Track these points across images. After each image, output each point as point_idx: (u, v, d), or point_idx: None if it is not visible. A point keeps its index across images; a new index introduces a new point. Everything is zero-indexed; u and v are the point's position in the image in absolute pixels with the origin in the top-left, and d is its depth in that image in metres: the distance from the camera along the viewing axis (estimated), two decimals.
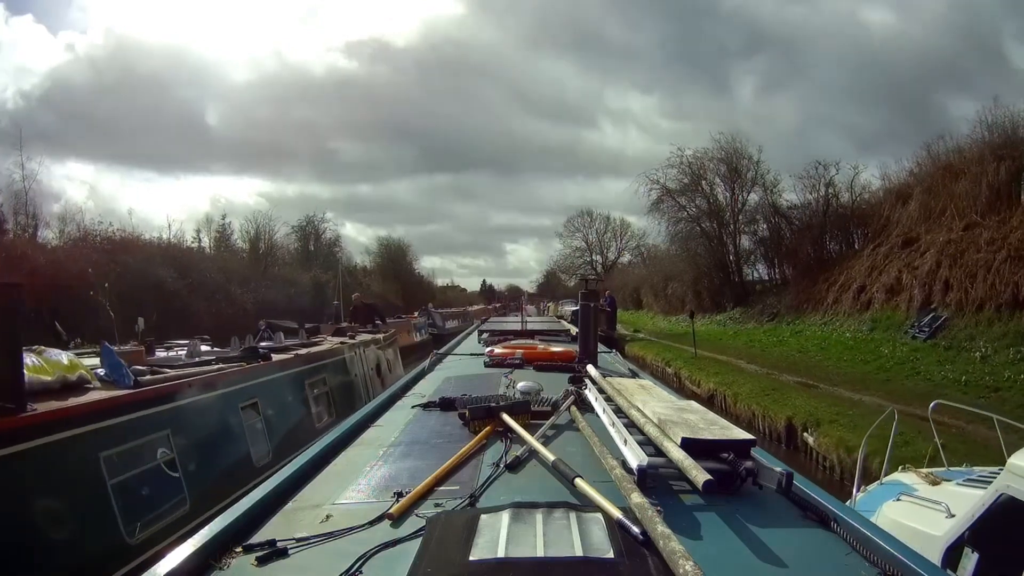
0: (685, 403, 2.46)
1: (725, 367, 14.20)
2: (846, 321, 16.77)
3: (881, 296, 16.01)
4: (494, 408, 2.52)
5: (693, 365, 14.66)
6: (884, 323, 15.33)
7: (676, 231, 27.38)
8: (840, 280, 18.12)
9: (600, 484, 1.72)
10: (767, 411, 9.87)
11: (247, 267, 25.11)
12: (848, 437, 7.78)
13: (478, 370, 4.47)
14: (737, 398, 11.13)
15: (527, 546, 1.36)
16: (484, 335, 7.19)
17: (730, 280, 26.03)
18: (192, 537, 1.52)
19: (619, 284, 39.58)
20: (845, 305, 17.37)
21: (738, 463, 1.78)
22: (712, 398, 12.11)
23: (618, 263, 50.03)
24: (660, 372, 16.30)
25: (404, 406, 3.30)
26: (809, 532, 1.62)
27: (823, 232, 21.35)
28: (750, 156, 25.44)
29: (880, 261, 16.88)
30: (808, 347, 16.17)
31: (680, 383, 14.37)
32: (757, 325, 21.78)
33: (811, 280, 19.99)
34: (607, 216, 50.77)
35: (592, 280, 10.12)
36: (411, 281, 48.36)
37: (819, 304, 18.73)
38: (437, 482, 1.89)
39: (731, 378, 12.60)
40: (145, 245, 19.76)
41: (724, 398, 11.74)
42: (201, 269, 20.26)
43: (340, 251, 40.44)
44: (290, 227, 37.14)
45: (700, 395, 12.47)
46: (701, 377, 13.38)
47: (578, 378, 3.41)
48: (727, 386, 11.93)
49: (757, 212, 25.02)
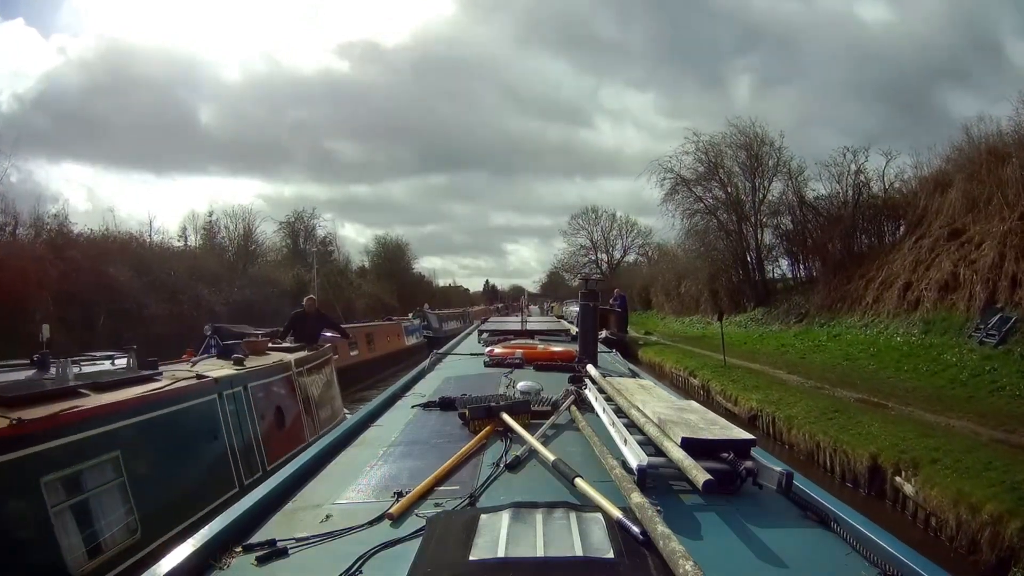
0: (685, 403, 2.46)
1: (763, 379, 12.02)
2: (891, 323, 14.82)
3: (932, 294, 14.13)
4: (494, 408, 2.50)
5: (724, 376, 12.47)
6: (939, 325, 13.39)
7: (691, 224, 25.18)
8: (880, 276, 16.23)
9: (600, 484, 1.72)
10: (838, 443, 7.69)
11: (222, 265, 22.76)
12: (967, 488, 5.67)
13: (478, 370, 4.45)
14: (791, 423, 8.93)
15: (527, 546, 1.36)
16: (484, 335, 7.11)
17: (750, 278, 23.82)
18: (192, 537, 1.52)
19: (626, 283, 37.40)
20: (889, 304, 15.47)
21: (738, 463, 1.77)
22: (755, 420, 9.93)
23: (624, 262, 48.80)
24: (683, 383, 14.17)
25: (404, 406, 3.31)
26: (809, 532, 1.62)
27: (854, 224, 19.34)
28: (771, 142, 23.29)
29: (925, 255, 15.04)
30: (854, 353, 14.03)
31: (709, 398, 12.19)
32: (783, 327, 19.80)
33: (844, 277, 18.12)
34: (613, 213, 49.45)
35: (592, 280, 9.41)
36: (408, 281, 46.45)
37: (856, 303, 16.87)
38: (437, 482, 1.89)
39: (775, 394, 10.41)
40: (99, 241, 17.54)
41: (773, 421, 9.51)
42: (165, 267, 18.03)
43: (335, 249, 38.52)
44: (278, 223, 35.04)
45: (739, 416, 10.30)
46: (737, 392, 11.16)
47: (578, 378, 3.41)
48: (774, 405, 9.73)
49: (780, 203, 22.85)
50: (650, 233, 45.37)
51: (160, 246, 21.05)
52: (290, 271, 25.98)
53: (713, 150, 24.08)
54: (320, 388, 7.63)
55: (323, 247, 37.87)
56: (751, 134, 23.34)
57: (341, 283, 31.77)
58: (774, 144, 23.19)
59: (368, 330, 17.33)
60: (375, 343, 17.32)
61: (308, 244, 36.01)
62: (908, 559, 1.40)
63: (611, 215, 49.20)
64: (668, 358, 16.86)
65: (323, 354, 8.33)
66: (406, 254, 48.81)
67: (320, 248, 37.33)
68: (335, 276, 32.04)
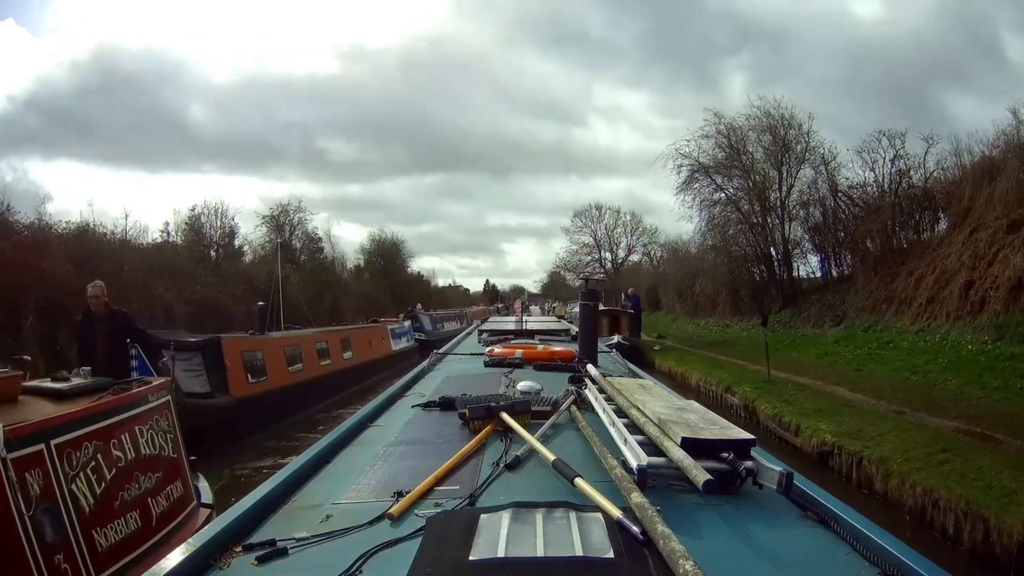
0: (685, 403, 2.45)
1: (822, 398, 9.78)
2: (953, 327, 12.67)
3: (1001, 294, 12.14)
4: (494, 408, 2.47)
5: (773, 395, 10.20)
6: (1017, 330, 11.30)
7: (711, 216, 22.86)
8: (932, 274, 14.23)
9: (600, 484, 1.71)
10: (971, 503, 5.44)
11: (191, 261, 20.24)
12: None
13: (478, 370, 4.42)
14: (887, 467, 6.66)
15: (527, 546, 1.36)
16: (484, 335, 7.11)
17: (775, 276, 21.55)
18: (192, 537, 1.51)
19: (631, 283, 35.45)
20: (948, 306, 13.37)
21: (738, 463, 1.76)
22: (827, 458, 7.66)
23: (628, 261, 47.11)
24: (718, 401, 11.94)
25: (404, 406, 3.29)
26: (809, 532, 1.61)
27: (894, 216, 17.22)
28: (799, 125, 21.01)
29: (984, 249, 13.14)
30: (920, 364, 11.84)
31: (756, 423, 9.94)
32: (816, 330, 17.75)
33: (887, 274, 16.14)
34: (617, 210, 47.54)
35: (593, 280, 8.61)
36: (403, 280, 44.16)
37: (905, 304, 14.82)
38: (437, 482, 1.87)
39: (848, 421, 8.16)
40: (38, 232, 15.03)
41: (857, 464, 7.19)
42: (117, 262, 15.67)
43: (326, 245, 36.05)
44: (260, 217, 32.55)
45: (804, 451, 8.04)
46: (796, 417, 8.88)
47: (578, 378, 3.37)
48: (854, 439, 7.46)
49: (810, 193, 20.58)
50: (655, 231, 44.08)
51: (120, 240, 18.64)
52: (264, 267, 23.43)
53: (735, 134, 21.77)
54: (105, 476, 3.60)
55: (314, 243, 35.53)
56: (777, 116, 21.07)
57: (328, 281, 29.40)
58: (802, 128, 20.94)
59: (344, 334, 15.03)
60: (354, 349, 15.03)
61: (293, 239, 33.58)
62: (908, 559, 1.40)
63: (615, 211, 47.42)
64: (693, 368, 14.63)
65: (125, 403, 4.05)
66: (401, 252, 46.43)
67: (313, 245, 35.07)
68: (321, 273, 29.68)
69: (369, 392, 5.56)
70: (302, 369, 11.82)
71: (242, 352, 9.83)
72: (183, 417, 5.04)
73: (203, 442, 8.19)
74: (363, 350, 15.83)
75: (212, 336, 9.50)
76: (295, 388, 11.21)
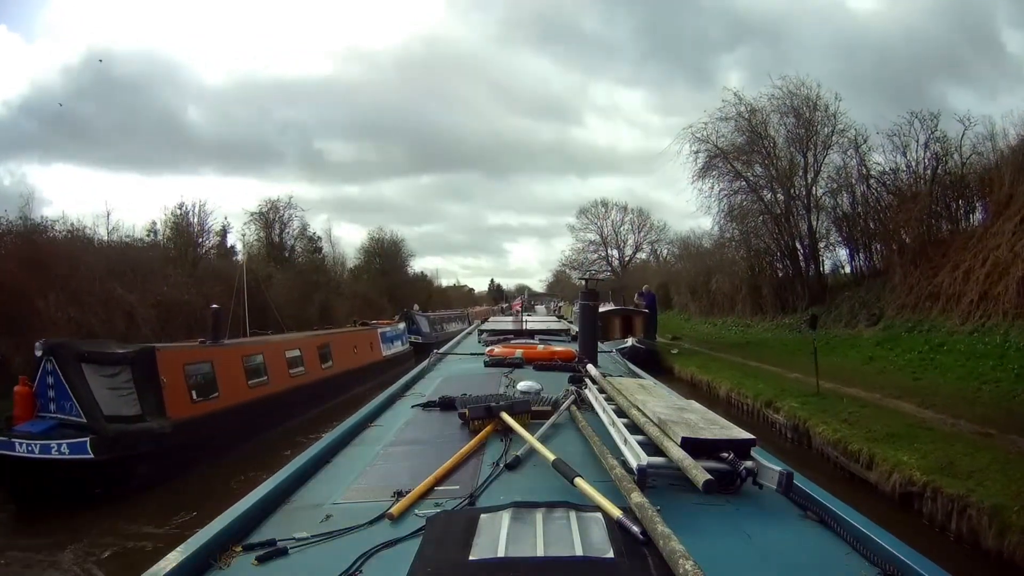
0: (685, 403, 2.44)
1: (884, 416, 7.99)
2: (1013, 327, 11.07)
3: None
4: (494, 408, 2.48)
5: (826, 411, 8.45)
6: None
7: (731, 205, 20.98)
8: (981, 267, 12.58)
9: (600, 484, 1.71)
10: None
11: (156, 259, 18.15)
12: None
13: (478, 370, 4.42)
14: (1001, 518, 4.91)
15: (527, 546, 1.36)
16: (484, 335, 7.13)
17: (802, 271, 19.74)
18: (192, 536, 1.50)
19: (640, 281, 33.72)
20: (1005, 303, 11.72)
21: (738, 463, 1.75)
22: (911, 501, 5.88)
23: (636, 258, 45.66)
24: (758, 418, 10.18)
25: (404, 406, 3.29)
26: (809, 531, 1.61)
27: (933, 205, 15.45)
28: (825, 106, 19.20)
29: None
30: (987, 371, 10.10)
31: (808, 445, 8.20)
32: (850, 331, 16.01)
33: (928, 268, 14.45)
34: (624, 207, 46.17)
35: (593, 279, 8.78)
36: (404, 280, 42.49)
37: (952, 301, 13.13)
38: (437, 482, 1.86)
39: (932, 449, 6.41)
40: None
41: (960, 512, 5.39)
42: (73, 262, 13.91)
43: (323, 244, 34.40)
44: (248, 214, 30.82)
45: (882, 489, 6.29)
46: (862, 442, 7.09)
47: (578, 378, 3.38)
48: (948, 475, 5.72)
49: (839, 179, 18.76)
50: (664, 227, 43.07)
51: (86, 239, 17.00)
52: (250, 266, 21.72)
53: (756, 116, 19.92)
54: None
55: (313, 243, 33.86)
56: (801, 97, 19.21)
57: (319, 281, 27.71)
58: (828, 109, 19.11)
59: (322, 340, 13.35)
60: (334, 357, 13.37)
61: (285, 236, 31.88)
62: (908, 558, 1.39)
63: (622, 208, 46.06)
64: (720, 376, 12.81)
65: None
66: (402, 251, 44.73)
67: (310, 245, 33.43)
68: (310, 273, 28.00)
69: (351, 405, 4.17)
70: (267, 382, 10.18)
71: (184, 365, 8.19)
72: (100, 447, 4.65)
73: (129, 479, 6.56)
74: (346, 357, 14.14)
75: (144, 346, 7.88)
76: (257, 405, 9.50)
